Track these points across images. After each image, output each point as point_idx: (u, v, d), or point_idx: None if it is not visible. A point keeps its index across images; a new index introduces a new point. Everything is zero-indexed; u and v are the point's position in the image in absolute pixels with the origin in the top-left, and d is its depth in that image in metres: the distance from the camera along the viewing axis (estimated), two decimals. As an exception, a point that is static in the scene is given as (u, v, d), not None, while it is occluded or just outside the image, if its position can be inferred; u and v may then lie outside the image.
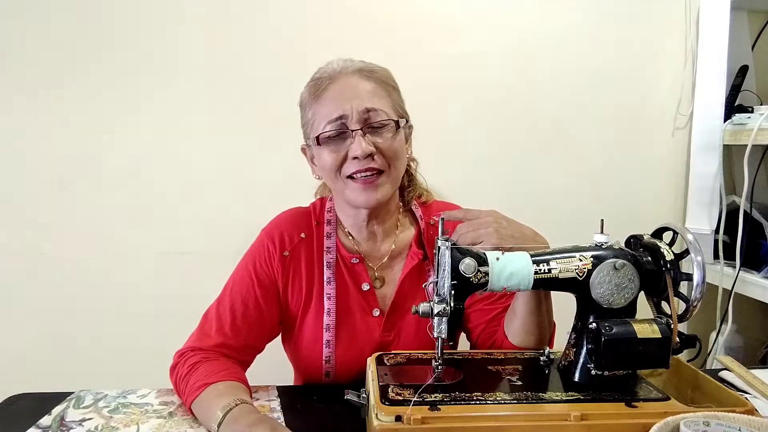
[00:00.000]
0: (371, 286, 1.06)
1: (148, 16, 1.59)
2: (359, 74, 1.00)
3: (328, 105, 0.97)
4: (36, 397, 0.99)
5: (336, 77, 0.99)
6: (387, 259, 1.08)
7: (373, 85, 0.99)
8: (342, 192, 1.01)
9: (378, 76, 1.01)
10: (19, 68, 1.57)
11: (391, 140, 0.98)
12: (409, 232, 1.12)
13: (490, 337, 1.08)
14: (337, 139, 0.97)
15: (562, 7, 1.74)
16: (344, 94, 0.97)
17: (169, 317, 1.62)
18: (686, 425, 0.71)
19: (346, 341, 1.04)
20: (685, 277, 0.86)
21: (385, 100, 1.00)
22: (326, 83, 0.99)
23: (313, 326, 1.05)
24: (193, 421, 0.91)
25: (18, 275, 1.63)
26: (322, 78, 1.00)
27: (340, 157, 0.97)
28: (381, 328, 1.06)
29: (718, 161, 1.71)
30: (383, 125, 0.98)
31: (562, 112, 1.78)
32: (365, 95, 0.98)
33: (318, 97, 0.99)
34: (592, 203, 1.81)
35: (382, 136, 0.98)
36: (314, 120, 1.00)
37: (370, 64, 1.03)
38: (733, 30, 1.69)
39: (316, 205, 1.12)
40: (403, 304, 1.06)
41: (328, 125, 0.97)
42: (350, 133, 0.96)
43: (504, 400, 0.81)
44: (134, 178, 1.63)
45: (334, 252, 1.06)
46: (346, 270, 1.06)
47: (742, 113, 1.67)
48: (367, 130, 0.97)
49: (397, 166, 1.01)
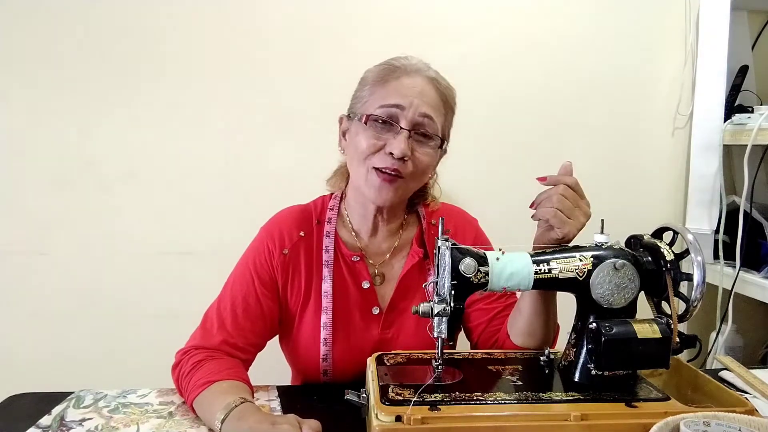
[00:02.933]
0: (371, 284, 1.06)
1: (149, 15, 1.59)
2: (432, 82, 1.00)
3: (392, 92, 0.97)
4: (36, 397, 0.99)
5: (411, 72, 0.99)
6: (388, 257, 1.09)
7: (438, 100, 1.00)
8: (360, 179, 1.01)
9: (446, 93, 1.03)
10: (19, 68, 1.57)
11: (428, 155, 0.99)
12: (411, 231, 1.12)
13: (491, 336, 1.08)
14: (382, 128, 0.97)
15: (562, 8, 1.74)
16: (411, 90, 0.97)
17: (169, 317, 1.62)
18: (686, 425, 0.71)
19: (344, 339, 1.05)
20: (685, 277, 0.86)
21: (442, 117, 1.01)
22: (399, 73, 0.99)
23: (311, 324, 1.05)
24: (193, 420, 0.91)
25: (18, 275, 1.63)
26: (395, 65, 1.00)
27: (376, 146, 0.97)
28: (380, 326, 1.06)
29: (718, 161, 1.71)
30: (430, 138, 0.99)
31: (562, 112, 1.78)
32: (429, 99, 0.98)
33: (385, 81, 0.99)
34: (592, 203, 1.80)
35: (423, 147, 0.99)
36: (370, 99, 0.99)
37: (444, 78, 1.04)
38: (733, 30, 1.69)
39: (318, 204, 1.12)
40: (402, 301, 1.06)
41: (382, 109, 0.97)
42: (398, 128, 0.96)
43: (504, 400, 0.81)
44: (134, 178, 1.63)
45: (332, 251, 1.06)
46: (346, 268, 1.06)
47: (742, 113, 1.67)
48: (413, 134, 0.97)
49: (418, 179, 1.02)
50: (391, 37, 1.66)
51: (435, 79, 1.01)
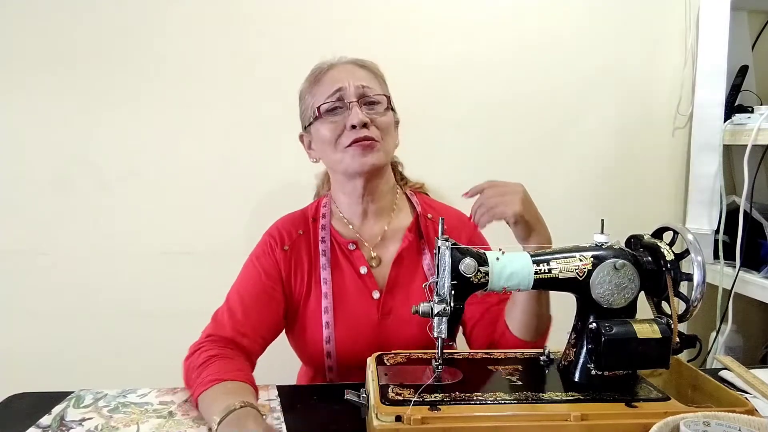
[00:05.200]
0: (369, 269, 1.12)
1: (149, 15, 1.59)
2: (354, 63, 1.13)
3: (327, 84, 1.09)
4: (36, 397, 0.99)
5: (334, 65, 1.12)
6: (381, 239, 1.15)
7: (368, 73, 1.12)
8: (339, 163, 1.09)
9: (371, 67, 1.14)
10: (19, 68, 1.56)
11: (384, 114, 1.09)
12: (404, 218, 1.18)
13: (487, 326, 1.11)
14: (335, 112, 1.07)
15: (562, 8, 1.74)
16: (342, 74, 1.09)
17: (169, 317, 1.63)
18: (686, 425, 0.71)
19: (346, 323, 1.10)
20: (685, 277, 0.86)
21: (377, 84, 1.12)
22: (325, 69, 1.11)
23: (313, 311, 1.11)
24: (193, 420, 0.91)
25: (18, 275, 1.63)
26: (320, 67, 1.12)
27: (339, 129, 1.06)
28: (380, 308, 1.11)
29: (718, 161, 1.71)
30: (377, 101, 1.09)
31: (562, 112, 1.78)
32: (360, 76, 1.10)
33: (317, 80, 1.11)
34: (592, 203, 1.81)
35: (376, 110, 1.09)
36: (313, 101, 1.10)
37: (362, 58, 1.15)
38: (733, 30, 1.69)
39: (312, 206, 1.21)
40: (399, 282, 1.13)
41: (328, 98, 1.07)
42: (347, 105, 1.06)
43: (504, 400, 0.81)
44: (134, 178, 1.63)
45: (329, 241, 1.14)
46: (343, 256, 1.13)
47: (742, 113, 1.67)
48: (362, 103, 1.07)
49: (387, 140, 1.10)
50: (392, 37, 1.66)
51: (356, 59, 1.13)
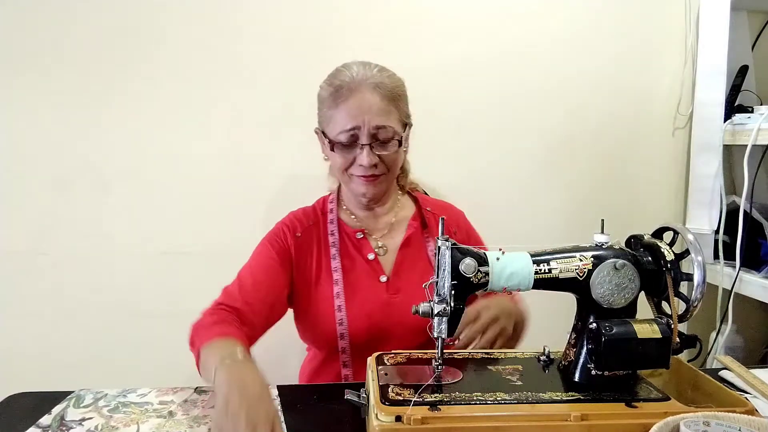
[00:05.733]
0: (376, 255, 1.20)
1: (150, 15, 1.59)
2: (376, 89, 1.09)
3: (344, 116, 1.09)
4: (36, 397, 0.98)
5: (354, 90, 1.09)
6: (387, 230, 1.23)
7: (386, 102, 1.10)
8: (347, 184, 1.18)
9: (392, 91, 1.11)
10: (20, 68, 1.56)
11: (393, 153, 1.13)
12: (408, 210, 1.27)
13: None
14: (348, 148, 1.11)
15: (562, 8, 1.74)
16: (360, 108, 1.08)
17: (169, 317, 1.62)
18: (686, 425, 0.71)
19: (357, 304, 1.15)
20: (685, 277, 0.86)
21: (394, 115, 1.12)
22: (345, 94, 1.09)
23: (325, 296, 1.17)
24: (193, 420, 0.91)
25: (18, 275, 1.63)
26: (342, 86, 1.10)
27: (349, 161, 1.12)
28: (387, 291, 1.18)
29: (718, 161, 1.71)
30: (388, 140, 1.11)
31: (562, 112, 1.78)
32: (377, 111, 1.09)
33: (337, 105, 1.10)
34: (592, 203, 1.81)
35: (387, 149, 1.12)
36: (331, 122, 1.12)
37: (385, 73, 1.13)
38: (733, 30, 1.69)
39: (320, 202, 1.28)
40: (404, 267, 1.20)
41: (342, 134, 1.10)
42: (359, 145, 1.10)
43: (504, 400, 0.81)
44: (134, 178, 1.63)
45: (337, 232, 1.21)
46: (351, 244, 1.20)
47: (742, 113, 1.68)
48: (374, 144, 1.10)
49: (394, 171, 1.18)
50: (392, 37, 1.66)
51: (378, 84, 1.09)
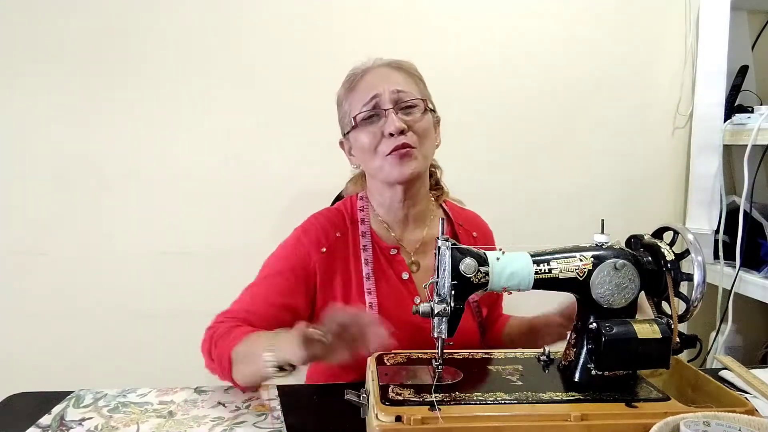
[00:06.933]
0: (410, 274, 1.12)
1: (150, 15, 1.59)
2: (389, 66, 1.10)
3: (363, 91, 1.07)
4: (36, 397, 0.98)
5: (368, 70, 1.09)
6: (420, 245, 1.14)
7: (403, 75, 1.09)
8: (379, 171, 1.08)
9: (406, 68, 1.11)
10: (20, 67, 1.57)
11: (421, 118, 1.07)
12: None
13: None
14: (372, 120, 1.06)
15: (563, 9, 1.74)
16: (377, 80, 1.07)
17: (169, 317, 1.62)
18: (686, 425, 0.71)
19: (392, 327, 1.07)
20: (685, 277, 0.86)
21: (414, 86, 1.09)
22: (360, 75, 1.09)
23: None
24: (193, 420, 0.91)
25: (18, 275, 1.63)
26: (355, 73, 1.10)
27: (377, 137, 1.05)
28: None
29: (718, 161, 1.71)
30: (413, 105, 1.06)
31: (563, 112, 1.78)
32: (396, 80, 1.07)
33: (353, 88, 1.09)
34: (592, 203, 1.81)
35: (413, 114, 1.06)
36: (351, 109, 1.08)
37: (398, 59, 1.12)
38: (733, 30, 1.69)
39: (347, 205, 1.17)
40: None
41: (364, 107, 1.06)
42: (383, 112, 1.05)
43: (504, 400, 0.81)
44: (134, 178, 1.63)
45: (370, 249, 1.11)
46: (385, 260, 1.11)
47: (742, 113, 1.68)
48: (398, 109, 1.05)
49: (426, 145, 1.08)
50: (393, 37, 1.66)
51: (392, 62, 1.10)
